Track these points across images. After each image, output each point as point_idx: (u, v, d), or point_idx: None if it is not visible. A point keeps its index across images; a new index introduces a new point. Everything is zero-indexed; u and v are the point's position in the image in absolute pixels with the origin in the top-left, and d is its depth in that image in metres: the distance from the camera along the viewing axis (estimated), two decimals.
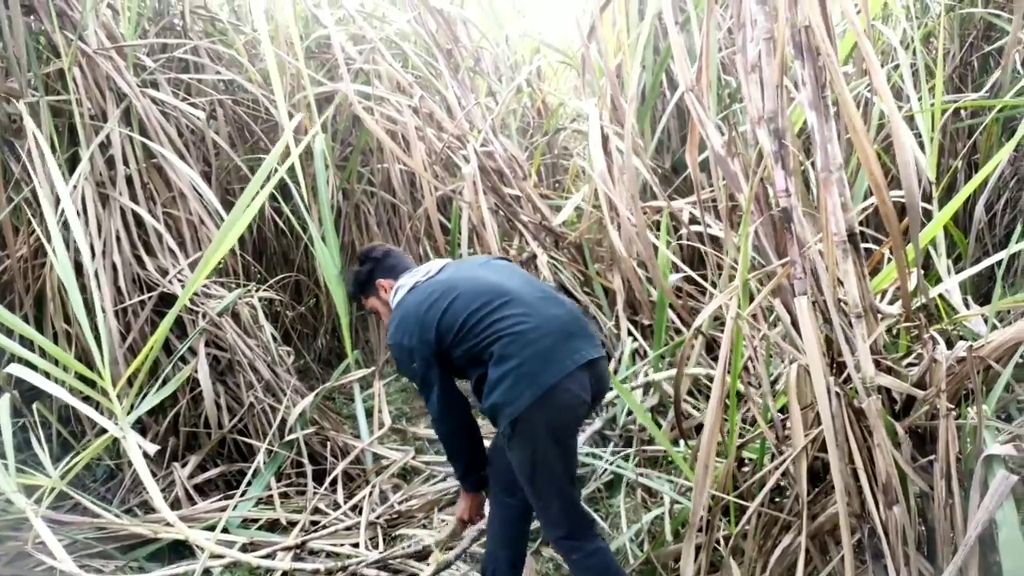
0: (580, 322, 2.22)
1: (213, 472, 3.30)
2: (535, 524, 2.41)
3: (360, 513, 3.06)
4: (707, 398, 3.33)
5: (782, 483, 2.19)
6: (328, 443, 3.45)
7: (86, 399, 3.07)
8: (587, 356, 2.12)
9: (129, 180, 3.51)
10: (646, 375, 3.37)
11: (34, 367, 3.04)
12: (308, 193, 3.61)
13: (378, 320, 3.51)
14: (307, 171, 3.93)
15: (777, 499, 2.25)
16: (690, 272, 3.33)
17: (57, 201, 3.30)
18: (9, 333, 2.92)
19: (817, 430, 1.90)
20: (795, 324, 1.93)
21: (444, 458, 3.32)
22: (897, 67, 3.37)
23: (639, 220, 3.29)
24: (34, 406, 3.11)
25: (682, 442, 2.82)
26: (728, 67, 4.23)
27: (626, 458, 3.08)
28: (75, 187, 3.33)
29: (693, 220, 3.46)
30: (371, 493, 3.19)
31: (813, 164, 2.12)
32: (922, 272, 1.98)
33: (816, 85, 1.87)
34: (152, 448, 2.71)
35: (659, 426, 3.02)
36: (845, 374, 1.87)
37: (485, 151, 3.82)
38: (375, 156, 4.76)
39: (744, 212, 1.99)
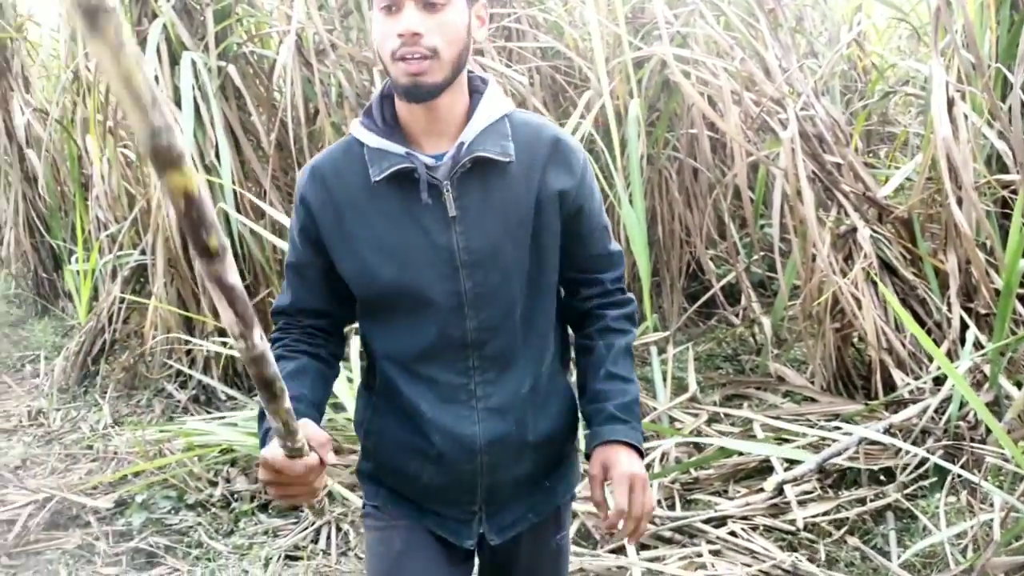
0: None
1: None
2: None
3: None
4: None
5: None
6: None
7: None
8: None
9: None
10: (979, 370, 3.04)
11: None
12: (618, 156, 3.66)
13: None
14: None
15: None
16: None
17: None
18: None
19: None
20: None
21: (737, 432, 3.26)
22: None
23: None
24: None
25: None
26: None
27: (951, 455, 2.82)
28: None
29: None
30: (664, 456, 3.22)
31: None
32: None
33: None
34: None
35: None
36: None
37: (805, 115, 3.61)
38: (682, 121, 4.71)
39: None
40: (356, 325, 1.42)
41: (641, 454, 1.33)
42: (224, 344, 3.80)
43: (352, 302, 1.36)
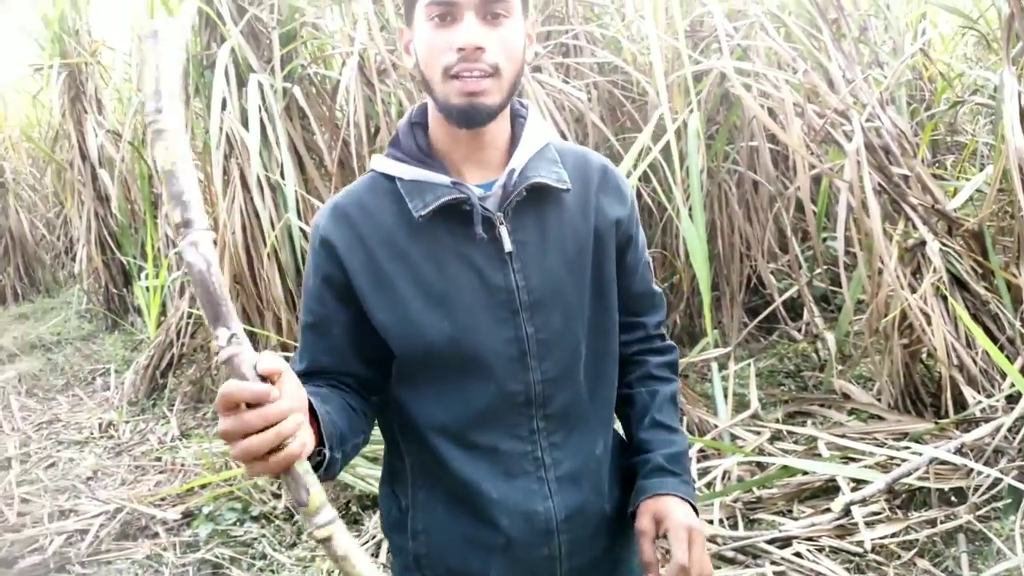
0: None
1: None
2: None
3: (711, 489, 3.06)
4: None
5: None
6: (684, 417, 3.49)
7: None
8: None
9: None
10: None
11: None
12: (679, 170, 3.63)
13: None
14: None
15: None
16: None
17: None
18: None
19: None
20: None
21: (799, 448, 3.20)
22: None
23: None
24: None
25: None
26: None
27: None
28: None
29: None
30: (725, 475, 3.16)
31: None
32: None
33: None
34: None
35: None
36: None
37: (871, 126, 3.54)
38: (742, 133, 4.66)
39: None
40: None
41: (696, 511, 1.17)
42: (287, 359, 3.86)
43: (383, 362, 1.14)
